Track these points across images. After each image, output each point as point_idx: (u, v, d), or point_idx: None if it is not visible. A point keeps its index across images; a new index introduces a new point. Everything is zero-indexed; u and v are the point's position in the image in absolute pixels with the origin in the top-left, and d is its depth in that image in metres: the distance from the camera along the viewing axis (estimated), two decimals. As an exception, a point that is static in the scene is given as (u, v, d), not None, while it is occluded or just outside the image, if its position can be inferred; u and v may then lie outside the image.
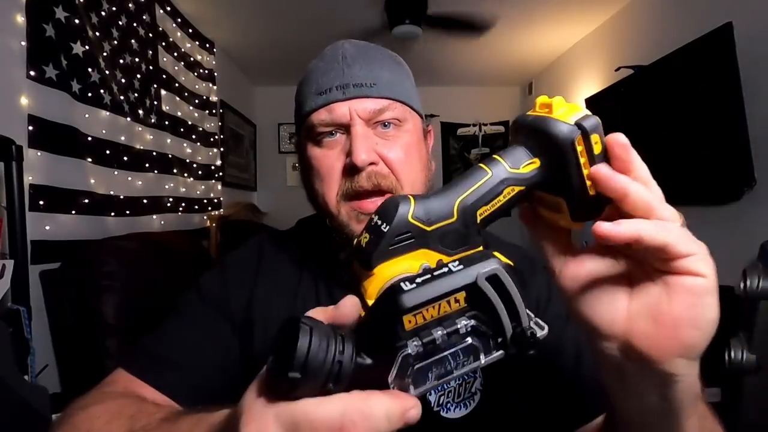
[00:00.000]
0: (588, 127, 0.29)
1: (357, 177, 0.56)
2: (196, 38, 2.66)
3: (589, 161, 0.30)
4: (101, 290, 1.23)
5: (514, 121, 0.34)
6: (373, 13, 2.59)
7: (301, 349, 0.22)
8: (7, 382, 0.96)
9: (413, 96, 0.63)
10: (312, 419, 0.22)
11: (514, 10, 2.58)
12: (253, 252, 0.69)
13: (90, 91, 1.59)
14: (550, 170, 0.31)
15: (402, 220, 0.29)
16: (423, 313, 0.23)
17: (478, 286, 0.24)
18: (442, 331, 0.23)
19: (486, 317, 0.25)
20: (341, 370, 0.23)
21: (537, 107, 0.32)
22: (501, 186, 0.31)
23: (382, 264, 0.28)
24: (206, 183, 2.73)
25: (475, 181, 0.31)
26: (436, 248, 0.29)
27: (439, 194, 0.31)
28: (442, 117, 4.24)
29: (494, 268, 0.25)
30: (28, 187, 1.29)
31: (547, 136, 0.30)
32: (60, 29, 1.44)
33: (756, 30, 1.66)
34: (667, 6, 2.24)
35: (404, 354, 0.23)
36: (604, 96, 2.53)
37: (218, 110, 2.98)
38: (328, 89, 0.57)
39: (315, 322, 0.24)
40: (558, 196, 0.32)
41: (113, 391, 0.54)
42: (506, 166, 0.31)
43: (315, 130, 0.59)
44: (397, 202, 0.29)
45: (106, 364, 1.17)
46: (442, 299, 0.24)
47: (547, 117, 0.31)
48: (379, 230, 0.29)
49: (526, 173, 0.32)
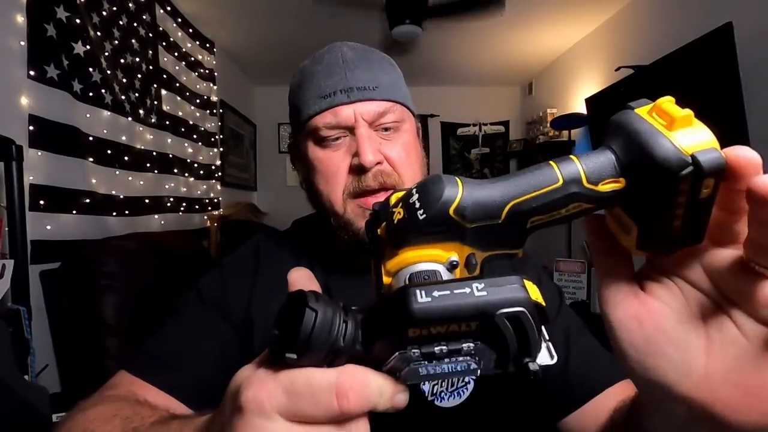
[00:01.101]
0: (706, 168, 0.22)
1: (364, 177, 0.58)
2: (196, 38, 2.67)
3: (687, 203, 0.23)
4: (101, 290, 1.23)
5: (616, 118, 0.26)
6: (373, 13, 2.59)
7: (304, 332, 0.22)
8: (7, 382, 0.96)
9: (407, 96, 0.65)
10: (310, 381, 0.23)
11: (514, 10, 2.58)
12: (250, 252, 0.70)
13: (91, 91, 1.60)
14: (635, 195, 0.25)
15: (442, 213, 0.25)
16: (430, 328, 0.22)
17: (494, 322, 0.22)
18: (444, 347, 0.23)
19: (494, 346, 0.23)
20: (339, 355, 0.24)
21: (655, 112, 0.24)
22: (568, 200, 0.25)
23: (409, 249, 0.26)
24: (206, 183, 2.73)
25: (540, 186, 0.25)
26: (470, 243, 0.26)
27: (492, 186, 0.26)
28: (442, 117, 4.23)
29: (518, 311, 0.22)
30: (29, 187, 1.29)
31: (649, 159, 0.23)
32: (61, 29, 1.44)
33: (756, 30, 1.66)
34: (667, 6, 2.24)
35: (402, 355, 0.23)
36: (604, 96, 2.53)
37: (218, 110, 2.98)
38: (332, 93, 0.59)
39: (322, 303, 0.24)
40: (632, 219, 0.26)
41: (113, 394, 0.54)
42: (583, 178, 0.25)
43: (319, 133, 0.60)
44: (443, 187, 0.25)
45: (106, 364, 1.17)
46: (453, 322, 0.22)
47: (659, 133, 0.23)
48: (414, 214, 0.26)
49: (603, 192, 0.25)
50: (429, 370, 0.23)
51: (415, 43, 2.76)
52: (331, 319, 0.23)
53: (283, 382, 0.23)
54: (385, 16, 2.52)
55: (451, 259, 0.26)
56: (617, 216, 0.27)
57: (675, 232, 0.24)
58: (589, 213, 0.26)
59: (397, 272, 0.27)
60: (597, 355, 0.62)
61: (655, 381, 0.26)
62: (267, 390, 0.23)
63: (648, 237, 0.26)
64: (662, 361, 0.26)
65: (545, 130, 3.50)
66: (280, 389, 0.23)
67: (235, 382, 0.26)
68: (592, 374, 0.59)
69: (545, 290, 0.67)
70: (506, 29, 2.89)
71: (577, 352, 0.61)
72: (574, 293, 2.70)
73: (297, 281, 0.28)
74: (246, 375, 0.25)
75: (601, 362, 0.60)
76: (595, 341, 0.64)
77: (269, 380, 0.24)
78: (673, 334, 0.26)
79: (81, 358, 1.23)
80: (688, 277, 0.26)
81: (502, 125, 4.31)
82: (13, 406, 0.95)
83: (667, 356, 0.25)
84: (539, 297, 0.23)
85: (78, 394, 0.53)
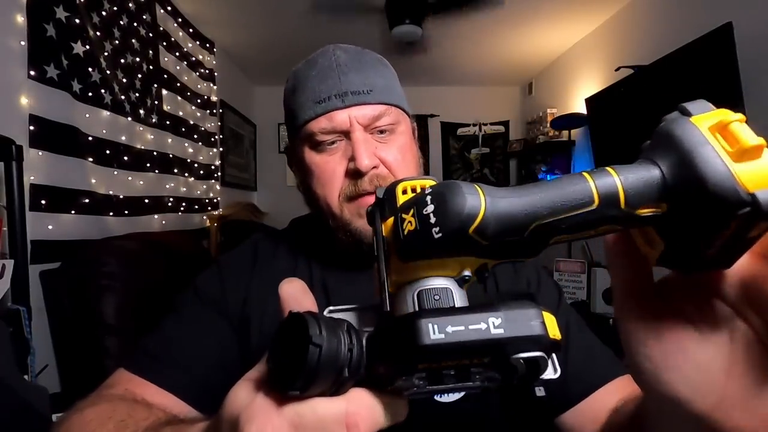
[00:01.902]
0: (766, 210, 0.19)
1: (360, 181, 0.58)
2: (196, 38, 2.67)
3: (731, 238, 0.20)
4: (101, 290, 1.23)
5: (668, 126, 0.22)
6: (373, 13, 2.59)
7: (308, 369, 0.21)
8: (7, 382, 0.96)
9: (402, 97, 0.65)
10: (318, 413, 0.22)
11: (514, 10, 2.58)
12: (248, 251, 0.70)
13: (91, 91, 1.60)
14: (674, 221, 0.22)
15: (460, 233, 0.22)
16: (441, 362, 0.21)
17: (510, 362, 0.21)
18: (452, 377, 0.22)
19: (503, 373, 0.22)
20: (344, 384, 0.23)
21: (719, 131, 0.20)
22: (599, 222, 0.22)
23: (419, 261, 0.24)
24: (205, 183, 2.73)
25: (572, 206, 0.22)
26: (484, 255, 0.24)
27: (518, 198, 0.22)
28: (442, 117, 4.23)
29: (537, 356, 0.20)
30: (29, 187, 1.29)
31: (703, 191, 0.20)
32: (61, 29, 1.44)
33: (756, 30, 1.66)
34: (667, 6, 2.24)
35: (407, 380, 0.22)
36: (604, 96, 2.53)
37: (218, 110, 2.98)
38: (326, 98, 0.59)
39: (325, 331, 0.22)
40: (662, 238, 0.23)
41: (111, 394, 0.54)
42: (621, 200, 0.21)
43: (315, 138, 0.60)
44: (464, 203, 0.22)
45: (106, 364, 1.17)
46: (465, 358, 0.21)
47: (722, 163, 0.20)
48: (428, 230, 0.22)
49: (641, 215, 0.22)
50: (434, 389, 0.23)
51: (415, 43, 2.76)
52: (336, 350, 0.22)
53: (289, 415, 0.22)
54: (385, 16, 2.52)
55: (464, 274, 0.24)
56: (644, 229, 0.24)
57: (706, 257, 0.22)
58: (618, 232, 0.24)
59: (404, 285, 0.25)
60: (596, 352, 0.62)
61: (668, 396, 0.25)
62: (272, 425, 0.22)
63: (674, 256, 0.23)
64: (678, 378, 0.24)
65: (545, 130, 3.50)
66: (286, 424, 0.22)
67: (232, 407, 0.24)
68: (591, 371, 0.59)
69: (544, 287, 0.68)
70: (506, 29, 2.89)
71: (575, 349, 0.61)
72: (574, 293, 2.69)
73: (291, 297, 0.26)
74: (244, 402, 0.24)
75: (599, 359, 0.61)
76: (594, 337, 0.64)
77: (273, 414, 0.22)
78: (693, 351, 0.24)
79: (81, 358, 1.23)
80: (721, 292, 0.24)
81: (502, 125, 4.31)
82: (13, 406, 0.95)
83: (683, 373, 0.24)
84: (556, 332, 0.21)
85: (78, 394, 0.53)
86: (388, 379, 0.22)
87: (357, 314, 0.26)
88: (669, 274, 0.26)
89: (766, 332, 0.23)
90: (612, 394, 0.55)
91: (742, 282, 0.23)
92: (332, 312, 0.28)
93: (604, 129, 2.59)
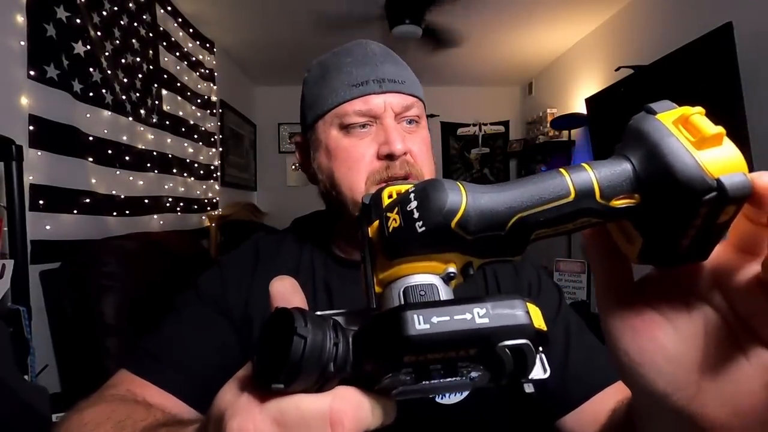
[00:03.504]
0: (731, 195, 0.20)
1: (392, 165, 0.59)
2: (196, 38, 2.67)
3: (702, 226, 0.22)
4: (101, 290, 1.23)
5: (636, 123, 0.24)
6: (373, 13, 2.59)
7: (292, 362, 0.21)
8: (7, 382, 0.96)
9: (424, 97, 0.68)
10: (301, 410, 0.22)
11: (514, 10, 2.58)
12: (249, 250, 0.70)
13: (91, 91, 1.60)
14: (647, 211, 0.23)
15: (443, 226, 0.23)
16: (427, 355, 0.21)
17: (495, 351, 0.21)
18: (439, 371, 0.22)
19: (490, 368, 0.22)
20: (329, 380, 0.22)
21: (682, 124, 0.22)
22: (577, 215, 0.23)
23: (406, 261, 0.24)
24: (205, 183, 2.73)
25: (550, 198, 0.23)
26: (470, 252, 0.25)
27: (498, 194, 0.24)
28: (442, 117, 4.23)
29: (522, 343, 0.21)
30: (29, 187, 1.29)
31: (671, 179, 0.21)
32: (61, 29, 1.44)
33: (756, 30, 1.66)
34: (667, 6, 2.24)
35: (395, 376, 0.22)
36: (604, 96, 2.54)
37: (218, 110, 2.98)
38: (364, 81, 0.61)
39: (310, 325, 0.22)
40: (639, 232, 0.24)
41: (112, 394, 0.54)
42: (596, 192, 0.23)
43: (347, 120, 0.61)
44: (445, 198, 0.23)
45: (106, 364, 1.17)
46: (452, 350, 0.21)
47: (686, 151, 0.21)
48: (412, 225, 0.23)
49: (616, 207, 0.23)
50: (422, 387, 0.22)
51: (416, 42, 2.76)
52: (321, 344, 0.22)
53: (272, 411, 0.22)
54: (385, 16, 2.52)
55: (448, 270, 0.25)
56: (622, 225, 0.25)
57: (682, 249, 0.23)
58: (596, 225, 0.25)
59: (390, 283, 0.25)
60: (597, 354, 0.61)
61: (647, 391, 0.26)
62: (254, 421, 0.22)
63: (652, 251, 0.24)
64: (654, 372, 0.25)
65: (545, 130, 3.50)
66: (268, 420, 0.22)
67: (219, 406, 0.24)
68: (592, 373, 0.59)
69: (545, 290, 0.67)
70: (506, 29, 2.89)
71: (576, 351, 0.61)
72: (574, 293, 2.69)
73: (279, 294, 0.26)
74: (229, 400, 0.24)
75: (600, 361, 0.60)
76: (595, 340, 0.64)
77: (256, 410, 0.22)
78: (667, 346, 0.25)
79: (81, 358, 1.23)
80: (695, 287, 0.25)
81: (502, 125, 4.31)
82: (13, 406, 0.95)
83: (658, 367, 0.25)
84: (542, 323, 0.22)
85: (78, 394, 0.53)
86: (375, 377, 0.22)
87: (345, 317, 0.26)
88: (649, 272, 0.27)
89: (733, 319, 0.23)
90: (613, 396, 0.55)
91: (714, 273, 0.24)
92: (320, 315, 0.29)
93: (604, 129, 2.59)
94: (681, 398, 0.24)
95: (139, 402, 0.52)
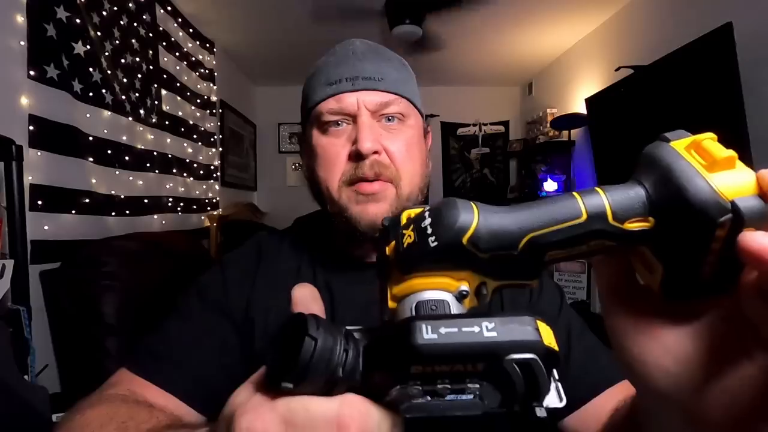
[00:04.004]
0: (746, 217, 0.20)
1: (360, 164, 0.58)
2: (196, 38, 2.67)
3: (721, 251, 0.21)
4: (101, 290, 1.23)
5: (649, 150, 0.24)
6: (373, 13, 2.59)
7: (302, 361, 0.22)
8: (7, 382, 0.96)
9: (416, 96, 0.66)
10: (310, 411, 0.22)
11: (514, 10, 2.58)
12: (251, 250, 0.69)
13: (91, 91, 1.59)
14: (664, 237, 0.23)
15: (455, 242, 0.24)
16: (434, 366, 0.21)
17: (503, 366, 0.21)
18: (447, 385, 0.22)
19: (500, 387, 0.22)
20: (338, 385, 0.23)
21: (694, 149, 0.23)
22: (589, 236, 0.24)
23: (418, 274, 0.25)
24: (205, 183, 2.73)
25: (562, 219, 0.24)
26: (483, 272, 0.25)
27: (510, 215, 0.24)
28: (442, 117, 4.24)
29: (529, 358, 0.21)
30: (29, 187, 1.29)
31: (684, 201, 0.21)
32: (61, 29, 1.44)
33: (756, 30, 1.66)
34: (667, 6, 2.24)
35: (402, 389, 0.22)
36: (604, 96, 2.53)
37: (218, 110, 2.98)
38: (338, 80, 0.60)
39: (323, 330, 0.23)
40: (658, 259, 0.24)
41: (113, 394, 0.54)
42: (608, 215, 0.23)
43: (322, 119, 0.61)
44: (457, 215, 0.24)
45: (106, 364, 1.17)
46: (459, 362, 0.21)
47: (697, 174, 0.21)
48: (425, 240, 0.24)
49: (629, 230, 0.23)
50: (430, 408, 0.22)
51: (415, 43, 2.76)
52: (331, 347, 0.22)
53: (281, 411, 0.22)
54: (385, 15, 2.52)
55: (461, 288, 0.25)
56: (642, 253, 0.25)
57: (704, 278, 0.22)
58: (611, 250, 0.24)
59: (403, 298, 0.25)
60: (599, 355, 0.61)
61: (650, 389, 0.26)
62: (263, 420, 0.22)
63: (674, 280, 0.24)
64: (657, 371, 0.25)
65: (545, 130, 3.50)
66: (277, 419, 0.22)
67: (231, 405, 0.24)
68: (594, 374, 0.59)
69: (547, 290, 0.67)
70: (506, 29, 2.89)
71: (578, 351, 0.61)
72: (574, 293, 2.69)
73: (300, 300, 0.27)
74: (241, 400, 0.24)
75: (602, 362, 0.60)
76: (597, 341, 0.64)
77: (266, 409, 0.22)
78: (671, 346, 0.25)
79: (81, 358, 1.23)
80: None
81: (502, 125, 4.31)
82: (13, 406, 0.95)
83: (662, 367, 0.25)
84: (552, 341, 0.22)
85: (78, 394, 0.53)
86: (383, 388, 0.22)
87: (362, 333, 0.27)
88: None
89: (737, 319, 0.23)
90: (616, 396, 0.55)
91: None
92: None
93: (604, 129, 2.59)
94: (684, 398, 0.24)
95: (140, 402, 0.52)
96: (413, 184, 0.62)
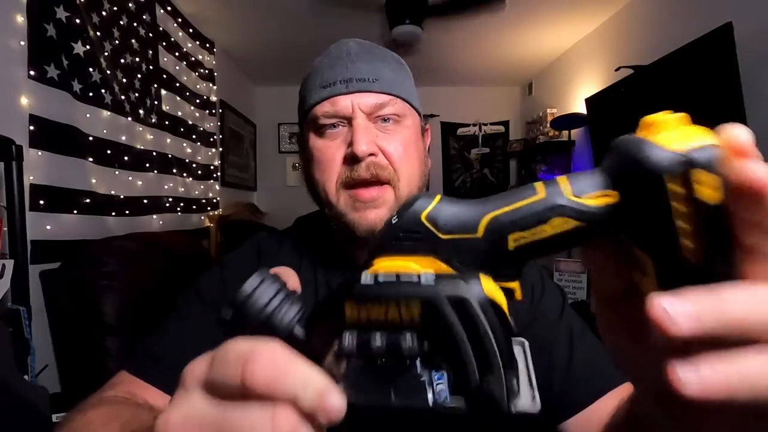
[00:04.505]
0: (698, 161, 0.19)
1: (356, 167, 0.58)
2: (196, 38, 2.67)
3: (687, 208, 0.20)
4: (101, 290, 1.23)
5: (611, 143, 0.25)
6: (373, 13, 2.59)
7: (242, 293, 0.23)
8: (7, 382, 0.96)
9: (413, 95, 0.65)
10: (230, 347, 0.21)
11: (514, 10, 2.58)
12: (251, 251, 0.69)
13: (91, 91, 1.59)
14: (632, 212, 0.22)
15: (413, 217, 0.25)
16: (368, 308, 0.21)
17: (435, 305, 0.21)
18: (381, 337, 0.21)
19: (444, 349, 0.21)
20: (275, 332, 0.23)
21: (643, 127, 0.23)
22: (549, 213, 0.23)
23: (383, 257, 0.25)
24: (204, 183, 2.73)
25: (518, 198, 0.24)
26: (448, 261, 0.25)
27: (472, 202, 0.25)
28: (442, 117, 4.24)
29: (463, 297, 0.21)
30: (29, 187, 1.29)
31: (634, 164, 0.21)
32: (61, 29, 1.44)
33: (756, 30, 1.66)
34: (667, 6, 2.24)
35: (337, 343, 0.22)
36: (604, 96, 2.54)
37: (218, 110, 2.98)
38: (332, 83, 0.60)
39: (272, 279, 0.24)
40: (643, 251, 0.23)
41: (113, 395, 0.54)
42: (566, 191, 0.23)
43: (318, 122, 0.60)
44: (417, 197, 0.26)
45: (106, 364, 1.17)
46: (392, 302, 0.21)
47: (642, 139, 0.22)
48: (389, 222, 0.26)
49: (591, 206, 0.23)
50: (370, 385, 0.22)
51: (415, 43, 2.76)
52: (274, 293, 0.24)
53: (213, 352, 0.22)
54: (385, 16, 2.52)
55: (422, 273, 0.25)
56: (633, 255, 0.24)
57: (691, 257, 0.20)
58: (582, 235, 0.24)
59: None
60: (600, 357, 0.61)
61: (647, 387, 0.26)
62: (198, 361, 0.23)
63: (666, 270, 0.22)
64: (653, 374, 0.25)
65: (545, 130, 3.50)
66: (207, 359, 0.22)
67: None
68: (596, 376, 0.58)
69: (549, 293, 0.66)
70: (506, 29, 2.89)
71: (581, 353, 0.60)
72: (574, 293, 2.70)
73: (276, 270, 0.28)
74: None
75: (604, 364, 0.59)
76: (598, 342, 0.63)
77: (208, 353, 0.23)
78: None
79: (81, 358, 1.23)
80: None
81: (502, 125, 4.31)
82: (13, 406, 0.95)
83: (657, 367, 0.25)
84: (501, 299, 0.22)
85: (78, 394, 0.53)
86: (321, 347, 0.23)
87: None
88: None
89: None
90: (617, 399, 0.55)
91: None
92: None
93: (604, 129, 2.59)
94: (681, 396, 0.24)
95: (141, 405, 0.52)
96: (412, 184, 0.61)
